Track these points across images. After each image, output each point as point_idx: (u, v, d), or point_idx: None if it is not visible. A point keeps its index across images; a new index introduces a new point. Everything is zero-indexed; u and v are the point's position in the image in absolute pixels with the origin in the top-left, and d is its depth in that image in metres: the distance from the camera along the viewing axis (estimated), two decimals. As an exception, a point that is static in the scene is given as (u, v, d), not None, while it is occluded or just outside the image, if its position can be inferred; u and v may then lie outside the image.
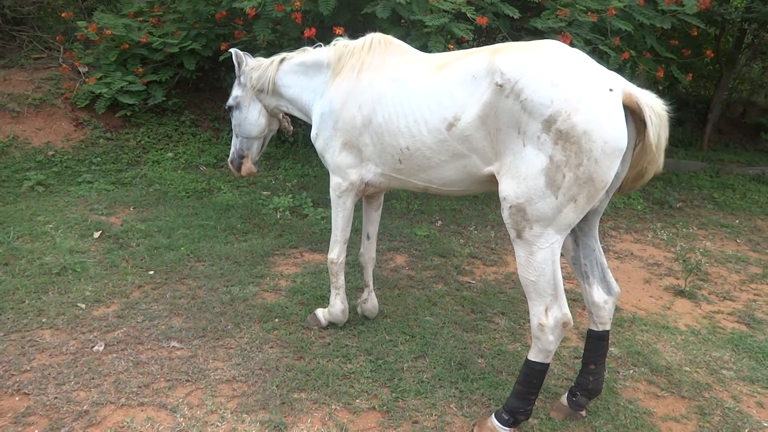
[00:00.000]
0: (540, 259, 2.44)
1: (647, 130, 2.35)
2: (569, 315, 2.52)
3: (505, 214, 2.50)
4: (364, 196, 3.46)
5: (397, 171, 3.01)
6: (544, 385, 2.81)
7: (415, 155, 2.83)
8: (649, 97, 2.39)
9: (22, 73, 7.67)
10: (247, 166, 3.85)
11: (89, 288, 4.00)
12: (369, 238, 3.69)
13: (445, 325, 3.79)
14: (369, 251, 3.71)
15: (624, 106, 2.34)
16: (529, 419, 2.76)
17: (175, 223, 5.30)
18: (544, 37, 3.69)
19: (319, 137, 3.30)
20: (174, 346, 3.37)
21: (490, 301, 4.20)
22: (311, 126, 3.41)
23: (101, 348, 3.31)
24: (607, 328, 2.81)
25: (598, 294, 2.76)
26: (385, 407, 2.90)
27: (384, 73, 3.01)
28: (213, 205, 5.84)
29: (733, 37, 10.40)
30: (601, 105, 2.27)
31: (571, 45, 3.01)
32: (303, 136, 7.36)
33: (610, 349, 3.38)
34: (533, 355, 2.59)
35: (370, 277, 3.74)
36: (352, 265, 4.51)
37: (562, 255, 2.53)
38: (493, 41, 6.28)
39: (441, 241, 5.35)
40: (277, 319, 3.74)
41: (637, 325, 3.98)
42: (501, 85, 2.40)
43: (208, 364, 3.21)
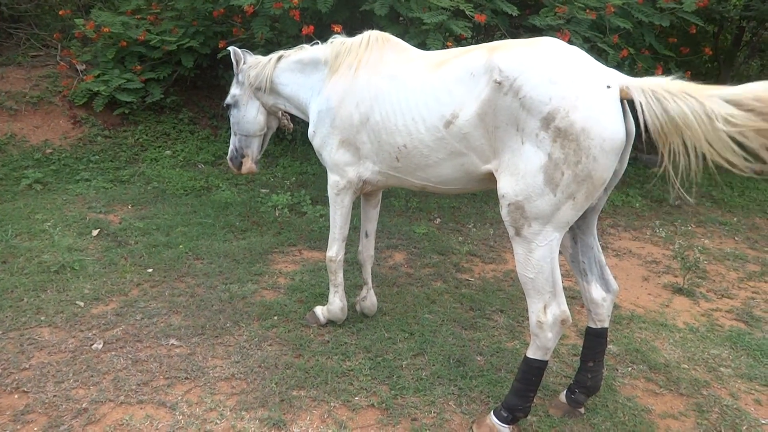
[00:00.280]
0: (539, 256, 2.44)
1: (643, 117, 2.27)
2: (568, 312, 2.52)
3: (504, 211, 2.50)
4: (362, 194, 3.46)
5: (394, 169, 3.01)
6: (542, 383, 2.81)
7: (413, 153, 2.83)
8: (647, 82, 2.31)
9: (19, 71, 7.65)
10: (248, 165, 3.84)
11: (88, 286, 4.00)
12: (367, 235, 3.69)
13: (443, 323, 3.80)
14: (367, 249, 3.71)
15: (624, 101, 2.33)
16: (528, 416, 2.76)
17: (173, 221, 5.29)
18: (543, 35, 3.68)
19: (316, 135, 3.30)
20: (173, 344, 3.37)
21: (489, 298, 4.20)
22: (309, 124, 3.41)
23: (100, 346, 3.31)
24: (606, 325, 2.81)
25: (596, 291, 2.76)
26: (384, 404, 2.91)
27: (381, 70, 3.00)
28: (211, 203, 5.84)
29: (731, 35, 10.38)
30: (599, 102, 2.26)
31: (570, 42, 3.02)
32: (301, 134, 7.35)
33: (609, 346, 3.38)
34: (532, 353, 2.60)
35: (368, 275, 3.74)
36: (351, 262, 4.51)
37: (560, 252, 2.53)
38: (492, 39, 6.26)
39: (440, 239, 5.35)
40: (275, 317, 3.74)
41: (636, 323, 3.98)
42: (499, 83, 2.40)
43: (207, 362, 3.22)
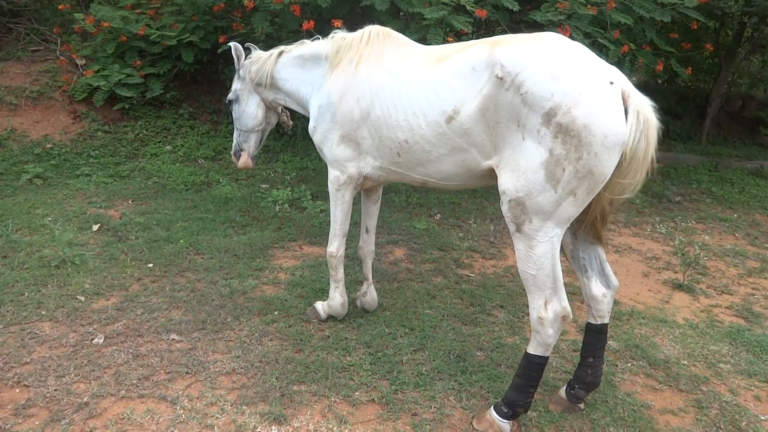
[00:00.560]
0: (540, 252, 2.44)
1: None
2: (568, 308, 2.52)
3: (505, 207, 2.49)
4: (363, 189, 3.46)
5: (395, 164, 3.00)
6: (542, 378, 2.81)
7: (414, 149, 2.82)
8: (641, 101, 2.37)
9: (19, 66, 7.64)
10: (244, 159, 3.85)
11: (88, 281, 4.00)
12: (368, 231, 3.69)
13: (444, 318, 3.80)
14: (368, 244, 3.71)
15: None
16: (528, 412, 2.77)
17: (173, 216, 5.29)
18: (544, 30, 3.66)
19: (316, 130, 3.29)
20: (174, 339, 3.38)
21: (489, 294, 4.21)
22: (309, 119, 3.40)
23: (101, 340, 3.31)
24: (606, 321, 2.81)
25: (596, 287, 2.77)
26: (384, 399, 2.91)
27: (382, 65, 2.99)
28: (212, 198, 5.84)
29: (732, 31, 10.37)
30: (601, 99, 2.26)
31: (571, 38, 2.99)
32: (302, 129, 7.34)
33: (609, 342, 3.38)
34: (532, 348, 2.60)
35: (369, 271, 3.74)
36: (351, 258, 4.51)
37: (561, 248, 2.53)
38: (492, 34, 6.25)
39: (440, 235, 5.35)
40: (276, 312, 3.75)
41: (636, 319, 3.99)
42: (501, 78, 2.39)
43: (208, 357, 3.22)
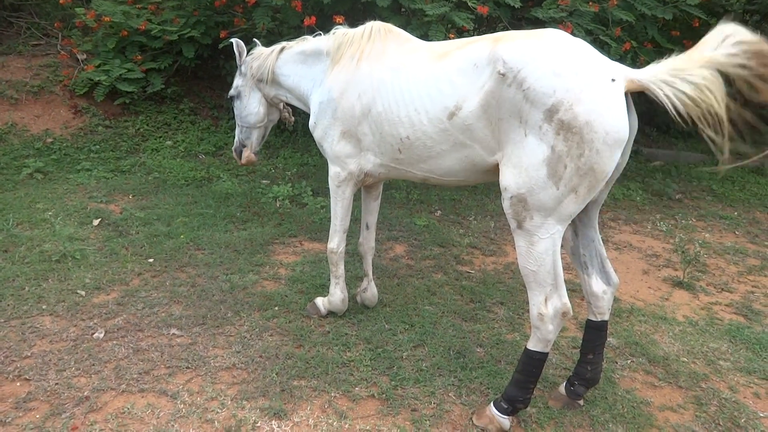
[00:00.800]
0: (541, 249, 2.44)
1: (673, 104, 2.19)
2: (569, 305, 2.53)
3: (506, 204, 2.49)
4: (363, 185, 3.46)
5: (396, 161, 3.00)
6: (542, 375, 2.82)
7: (415, 145, 2.82)
8: (655, 73, 2.27)
9: (20, 60, 7.63)
10: (247, 155, 3.86)
11: (89, 275, 4.00)
12: (368, 227, 3.69)
13: (444, 315, 3.81)
14: (368, 241, 3.71)
15: (628, 94, 2.33)
16: (528, 408, 2.78)
17: (174, 211, 5.29)
18: (545, 27, 3.66)
19: (317, 126, 3.28)
20: (174, 334, 3.38)
21: (489, 290, 4.21)
22: (310, 115, 3.40)
23: (101, 335, 3.32)
24: (606, 318, 2.82)
25: (596, 284, 2.77)
26: (384, 395, 2.92)
27: (384, 61, 2.98)
28: (212, 194, 5.84)
29: (734, 29, 10.35)
30: (603, 95, 2.26)
31: (572, 35, 2.99)
32: (302, 125, 7.33)
33: (608, 339, 3.39)
34: (532, 345, 2.60)
35: (369, 267, 3.75)
36: (352, 254, 4.52)
37: (561, 245, 2.53)
38: (494, 31, 6.22)
39: (440, 231, 5.36)
40: (276, 308, 3.75)
41: (636, 316, 3.99)
42: (503, 74, 2.39)
43: (208, 352, 3.23)
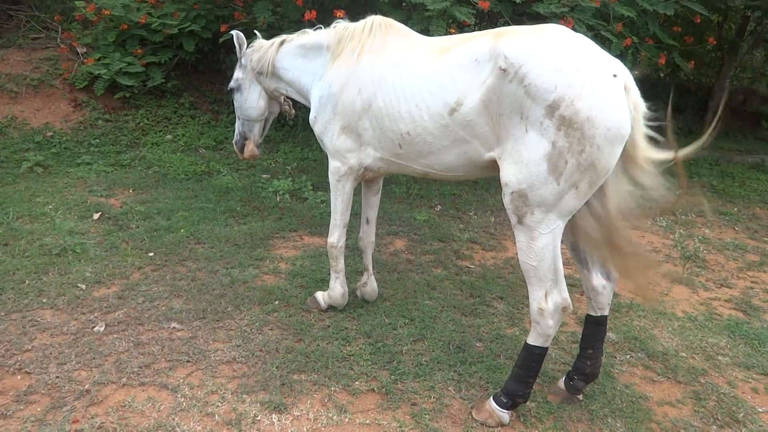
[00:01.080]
0: (541, 244, 2.44)
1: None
2: (569, 300, 2.54)
3: (507, 199, 2.50)
4: (364, 180, 3.46)
5: (396, 156, 3.00)
6: (542, 369, 2.83)
7: (416, 140, 2.82)
8: (638, 99, 2.39)
9: (19, 53, 7.60)
10: (250, 148, 3.85)
11: (89, 269, 4.01)
12: (368, 222, 3.69)
13: (443, 309, 3.81)
14: (368, 235, 3.71)
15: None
16: (527, 402, 2.79)
17: (174, 205, 5.29)
18: (546, 22, 3.66)
19: (317, 121, 3.28)
20: (174, 327, 3.39)
21: (489, 285, 4.22)
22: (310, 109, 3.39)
23: (102, 328, 3.32)
24: (605, 313, 2.83)
25: (596, 280, 2.77)
26: (384, 389, 2.93)
27: (384, 56, 2.97)
28: (212, 188, 5.83)
29: (735, 25, 10.33)
30: (604, 91, 2.26)
31: (573, 30, 2.98)
32: (303, 120, 7.32)
33: (608, 334, 3.40)
34: (532, 339, 2.61)
35: (369, 261, 3.75)
36: (352, 248, 4.52)
37: (561, 241, 2.54)
38: (495, 26, 6.22)
39: (440, 226, 5.36)
40: (276, 302, 3.76)
41: (635, 311, 4.00)
42: (504, 70, 2.39)
43: (209, 345, 3.24)
